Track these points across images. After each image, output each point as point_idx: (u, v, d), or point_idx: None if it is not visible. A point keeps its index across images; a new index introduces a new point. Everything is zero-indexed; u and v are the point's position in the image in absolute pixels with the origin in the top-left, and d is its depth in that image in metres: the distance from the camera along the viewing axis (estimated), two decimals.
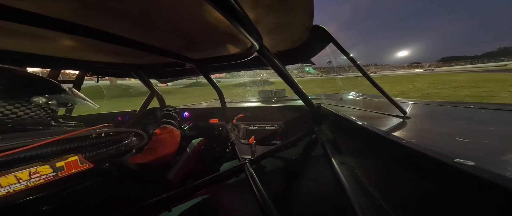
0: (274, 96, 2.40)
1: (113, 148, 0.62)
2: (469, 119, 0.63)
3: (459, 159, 0.26)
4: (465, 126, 0.53)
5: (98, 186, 0.59)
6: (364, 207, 0.47)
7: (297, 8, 0.59)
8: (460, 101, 1.09)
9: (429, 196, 0.30)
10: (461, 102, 0.99)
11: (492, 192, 0.21)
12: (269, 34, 0.79)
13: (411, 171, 0.34)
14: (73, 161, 0.51)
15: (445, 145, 0.35)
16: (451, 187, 0.26)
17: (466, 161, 0.25)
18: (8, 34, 0.67)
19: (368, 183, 0.51)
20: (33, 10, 0.50)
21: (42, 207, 0.49)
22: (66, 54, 0.98)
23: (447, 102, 1.06)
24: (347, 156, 0.69)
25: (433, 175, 0.29)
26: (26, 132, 0.55)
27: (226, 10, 0.44)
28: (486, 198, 0.22)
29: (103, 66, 1.22)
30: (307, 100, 1.11)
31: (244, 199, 0.88)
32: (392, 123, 0.59)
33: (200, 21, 0.64)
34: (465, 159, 0.26)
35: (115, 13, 0.56)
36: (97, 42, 0.73)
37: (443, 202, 0.27)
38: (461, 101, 1.10)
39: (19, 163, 0.44)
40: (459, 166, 0.25)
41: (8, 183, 0.41)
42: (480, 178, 0.22)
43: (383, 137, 0.42)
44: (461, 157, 0.26)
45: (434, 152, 0.29)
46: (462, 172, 0.24)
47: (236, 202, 0.92)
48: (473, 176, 0.23)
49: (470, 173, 0.23)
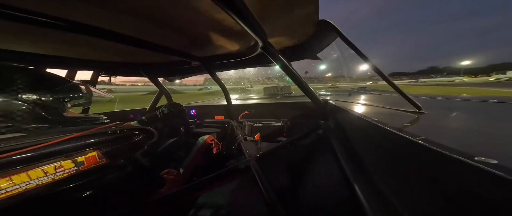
0: (279, 93, 2.39)
1: (127, 144, 0.66)
2: (491, 115, 0.59)
3: (480, 157, 0.24)
4: (487, 122, 0.50)
5: (113, 180, 0.63)
6: (374, 205, 0.45)
7: (302, 3, 0.58)
8: (482, 95, 1.02)
9: (445, 197, 0.28)
10: (483, 97, 0.93)
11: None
12: (274, 31, 0.79)
13: (426, 170, 0.32)
14: (92, 156, 0.54)
15: (464, 142, 0.32)
16: (470, 186, 0.24)
17: (487, 159, 0.23)
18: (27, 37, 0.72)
19: (377, 181, 0.50)
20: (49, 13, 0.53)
21: (65, 199, 0.54)
22: (81, 55, 1.04)
23: (467, 97, 1.00)
24: (355, 153, 0.67)
25: (450, 173, 0.27)
26: (49, 128, 0.59)
27: (231, 7, 0.44)
28: (509, 198, 0.20)
29: (115, 65, 1.27)
30: (313, 96, 1.10)
31: (250, 196, 0.89)
32: (404, 119, 0.56)
33: (205, 19, 0.65)
34: (486, 157, 0.24)
35: (125, 13, 0.58)
36: (109, 43, 0.76)
37: (461, 203, 0.25)
38: (483, 95, 1.02)
39: (45, 157, 0.48)
40: (480, 164, 0.23)
41: (37, 176, 0.46)
42: (504, 177, 0.20)
43: (394, 133, 0.40)
44: (482, 155, 0.24)
45: (452, 150, 0.27)
46: (483, 171, 0.22)
47: (242, 199, 0.94)
48: (496, 176, 0.21)
49: (492, 172, 0.21)
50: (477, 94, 1.32)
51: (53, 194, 0.50)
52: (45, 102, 0.59)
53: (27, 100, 0.55)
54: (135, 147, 0.69)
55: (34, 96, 0.56)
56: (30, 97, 0.56)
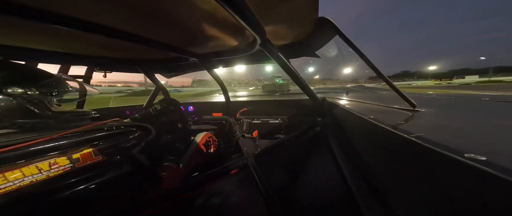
0: (278, 90, 2.39)
1: (123, 141, 0.65)
2: (483, 112, 0.60)
3: (470, 154, 0.25)
4: (478, 119, 0.51)
5: (110, 177, 0.62)
6: (368, 202, 0.47)
7: (301, 0, 0.58)
8: (475, 94, 1.04)
9: (438, 193, 0.29)
10: (476, 95, 0.95)
11: (505, 188, 0.20)
12: (272, 28, 0.78)
13: (419, 166, 0.33)
14: (88, 153, 0.54)
15: (455, 139, 0.33)
16: (461, 183, 0.25)
17: (476, 156, 0.24)
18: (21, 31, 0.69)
19: (372, 177, 0.50)
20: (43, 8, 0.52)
21: (60, 196, 0.53)
22: (75, 50, 1.01)
23: (460, 95, 1.02)
24: (351, 150, 0.68)
25: (442, 170, 0.28)
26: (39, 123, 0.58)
27: (230, 3, 0.43)
28: (498, 195, 0.21)
29: (110, 61, 1.24)
30: (311, 94, 1.10)
31: (248, 192, 0.90)
32: (399, 117, 0.57)
33: (203, 15, 0.64)
34: (476, 154, 0.24)
35: (121, 8, 0.57)
36: (104, 38, 0.74)
37: (453, 199, 0.26)
38: (476, 94, 1.04)
39: (40, 154, 0.47)
40: (469, 161, 0.23)
41: (31, 173, 0.45)
42: (491, 173, 0.21)
43: (389, 130, 0.41)
44: (472, 152, 0.25)
45: (443, 147, 0.28)
46: (472, 167, 0.23)
47: (240, 196, 0.94)
48: (484, 172, 0.21)
49: (481, 168, 0.22)
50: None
51: (48, 191, 0.49)
52: (31, 96, 0.56)
53: (13, 94, 0.53)
54: (132, 143, 0.68)
55: (20, 90, 0.54)
56: (16, 91, 0.53)
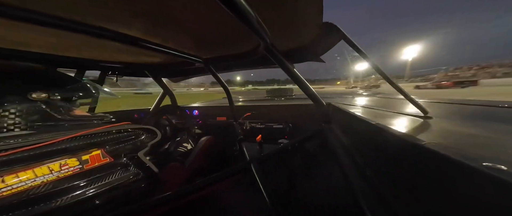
0: (282, 95, 2.39)
1: (130, 143, 0.67)
2: (502, 120, 0.57)
3: (488, 163, 0.23)
4: (497, 127, 0.49)
5: (117, 178, 0.64)
6: (376, 212, 0.45)
7: (306, 5, 0.58)
8: (493, 100, 0.99)
9: (452, 204, 0.27)
10: (493, 101, 0.91)
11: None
12: (277, 33, 0.79)
13: (432, 176, 0.31)
14: (96, 155, 0.55)
15: (472, 148, 0.31)
16: (477, 193, 0.23)
17: (495, 165, 0.23)
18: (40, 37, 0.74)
19: (380, 187, 0.49)
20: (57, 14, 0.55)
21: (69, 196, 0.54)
22: (91, 56, 1.06)
23: (476, 101, 0.98)
24: (358, 157, 0.66)
25: (456, 180, 0.26)
26: (55, 126, 0.60)
27: (234, 8, 0.44)
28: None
29: (121, 66, 1.29)
30: (315, 99, 1.10)
31: (251, 198, 0.89)
32: (410, 123, 0.55)
33: (210, 21, 0.65)
34: (495, 163, 0.23)
35: (133, 15, 0.60)
36: (117, 44, 0.78)
37: (467, 211, 0.25)
38: (493, 100, 0.99)
39: (51, 155, 0.49)
40: (487, 170, 0.22)
41: (42, 174, 0.47)
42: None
43: (399, 137, 0.40)
44: (490, 161, 0.24)
45: (459, 155, 0.26)
46: (491, 177, 0.21)
47: (243, 201, 0.93)
48: (504, 182, 0.20)
49: (501, 178, 0.21)
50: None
51: (57, 191, 0.51)
52: (53, 101, 0.60)
53: (37, 99, 0.56)
54: (138, 146, 0.70)
55: (43, 95, 0.57)
56: (40, 96, 0.57)
